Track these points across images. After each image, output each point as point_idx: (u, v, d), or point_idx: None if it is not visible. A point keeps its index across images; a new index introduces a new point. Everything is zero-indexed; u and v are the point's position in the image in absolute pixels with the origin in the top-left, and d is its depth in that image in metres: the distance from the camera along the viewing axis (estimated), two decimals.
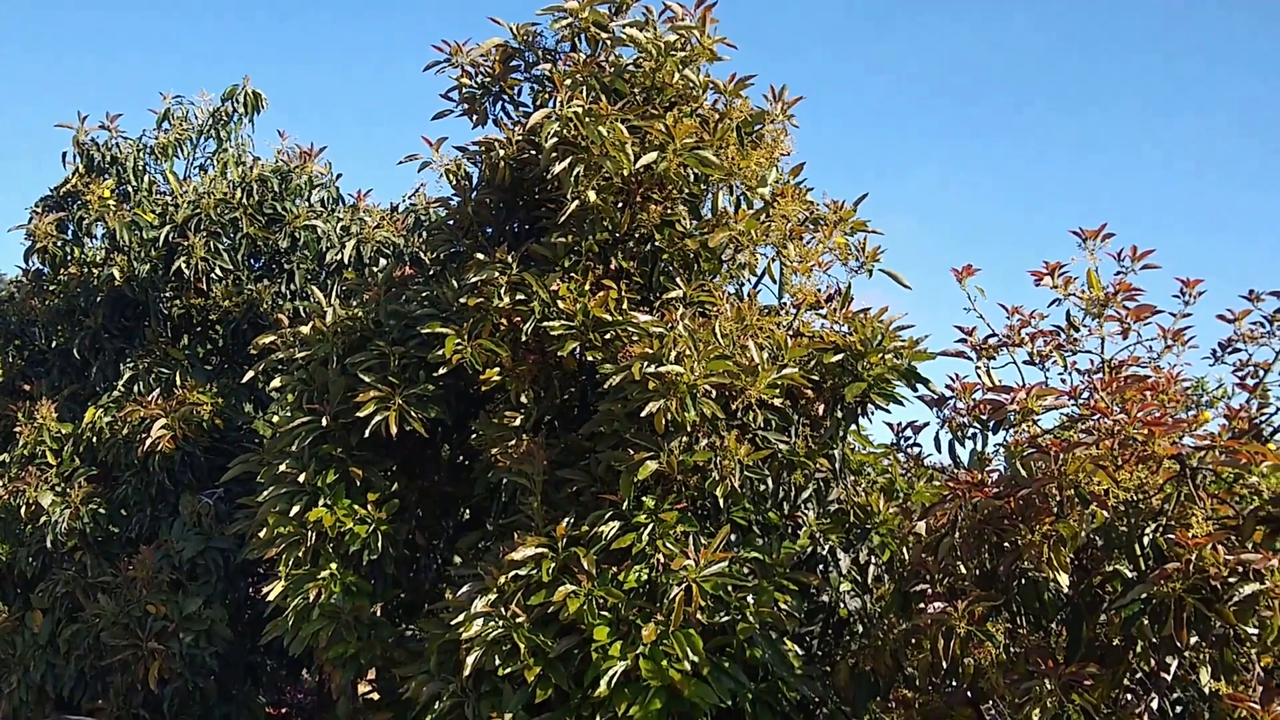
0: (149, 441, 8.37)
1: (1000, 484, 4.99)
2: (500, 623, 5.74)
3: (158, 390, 8.89)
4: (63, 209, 9.83)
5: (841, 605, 6.71)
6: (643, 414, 5.62)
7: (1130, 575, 5.09)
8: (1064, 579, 4.70)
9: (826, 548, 6.64)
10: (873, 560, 6.78)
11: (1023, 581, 5.29)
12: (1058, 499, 4.68)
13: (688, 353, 5.68)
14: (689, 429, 5.80)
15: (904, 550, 5.92)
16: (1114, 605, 4.90)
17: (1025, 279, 5.62)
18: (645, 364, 5.65)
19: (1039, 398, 5.13)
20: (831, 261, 6.61)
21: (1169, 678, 4.96)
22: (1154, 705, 5.10)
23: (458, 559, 8.30)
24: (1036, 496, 4.79)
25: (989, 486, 4.94)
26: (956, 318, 5.94)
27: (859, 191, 7.56)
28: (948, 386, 6.25)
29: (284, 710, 11.07)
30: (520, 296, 6.47)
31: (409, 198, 10.41)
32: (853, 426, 6.50)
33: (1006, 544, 4.86)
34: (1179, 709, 5.27)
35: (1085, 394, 4.92)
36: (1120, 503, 4.71)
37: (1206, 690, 4.86)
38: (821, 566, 6.63)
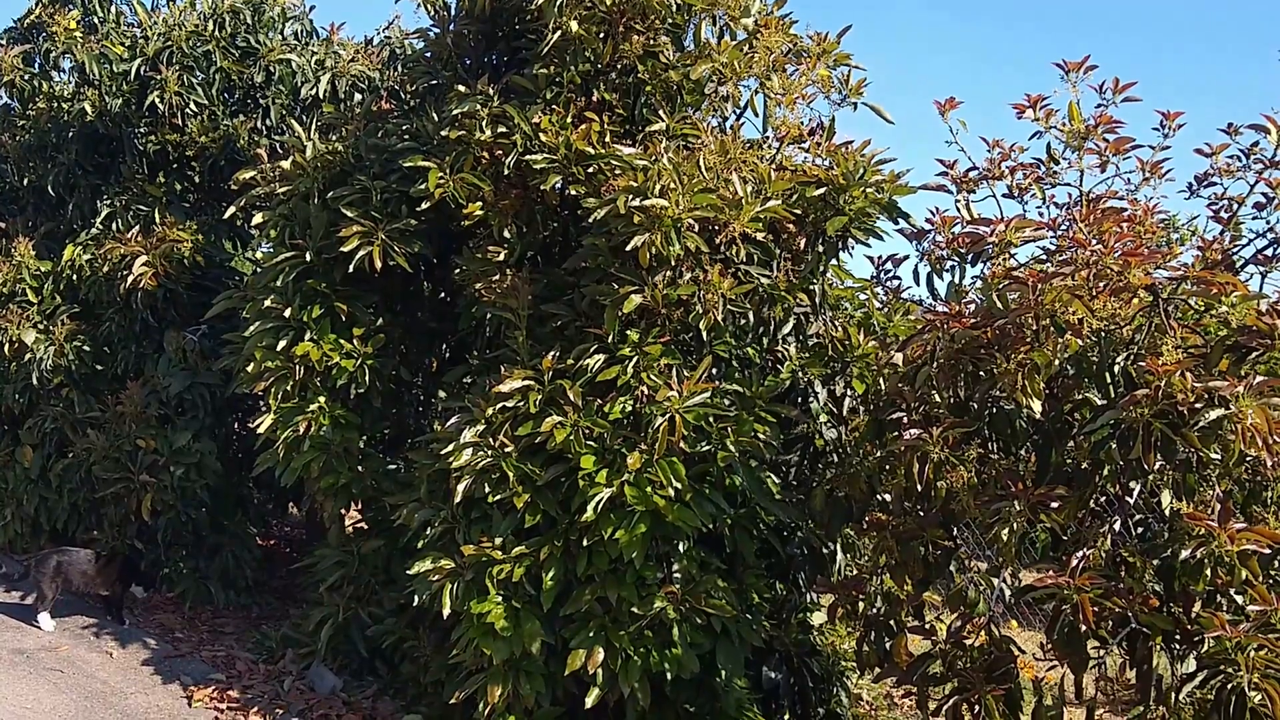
0: (130, 279, 8.37)
1: (977, 315, 5.09)
2: (489, 452, 5.89)
3: (137, 227, 8.84)
4: (28, 41, 9.59)
5: (818, 436, 6.88)
6: (627, 248, 5.66)
7: (1100, 402, 5.26)
8: (1037, 406, 4.84)
9: (805, 381, 6.78)
10: (849, 393, 6.93)
11: (995, 409, 5.46)
12: (1034, 329, 4.79)
13: (672, 186, 5.69)
14: (673, 263, 5.85)
15: (880, 382, 6.06)
16: (1083, 431, 5.07)
17: (1008, 117, 5.61)
18: (630, 197, 5.66)
19: (1017, 230, 5.19)
20: (815, 95, 6.55)
21: (1131, 501, 5.18)
22: (1116, 526, 5.34)
23: (442, 393, 8.46)
24: (1012, 326, 4.89)
25: (966, 318, 5.04)
26: (936, 154, 5.96)
27: (841, 24, 7.40)
28: (927, 220, 6.31)
29: (272, 542, 11.34)
30: (502, 129, 6.42)
31: (383, 31, 10.19)
32: (833, 261, 6.56)
33: (982, 373, 4.99)
34: (1140, 530, 5.52)
35: (1064, 226, 4.98)
36: (1093, 332, 4.83)
37: (1167, 512, 5.09)
38: (800, 399, 6.78)
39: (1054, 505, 4.96)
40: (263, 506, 9.97)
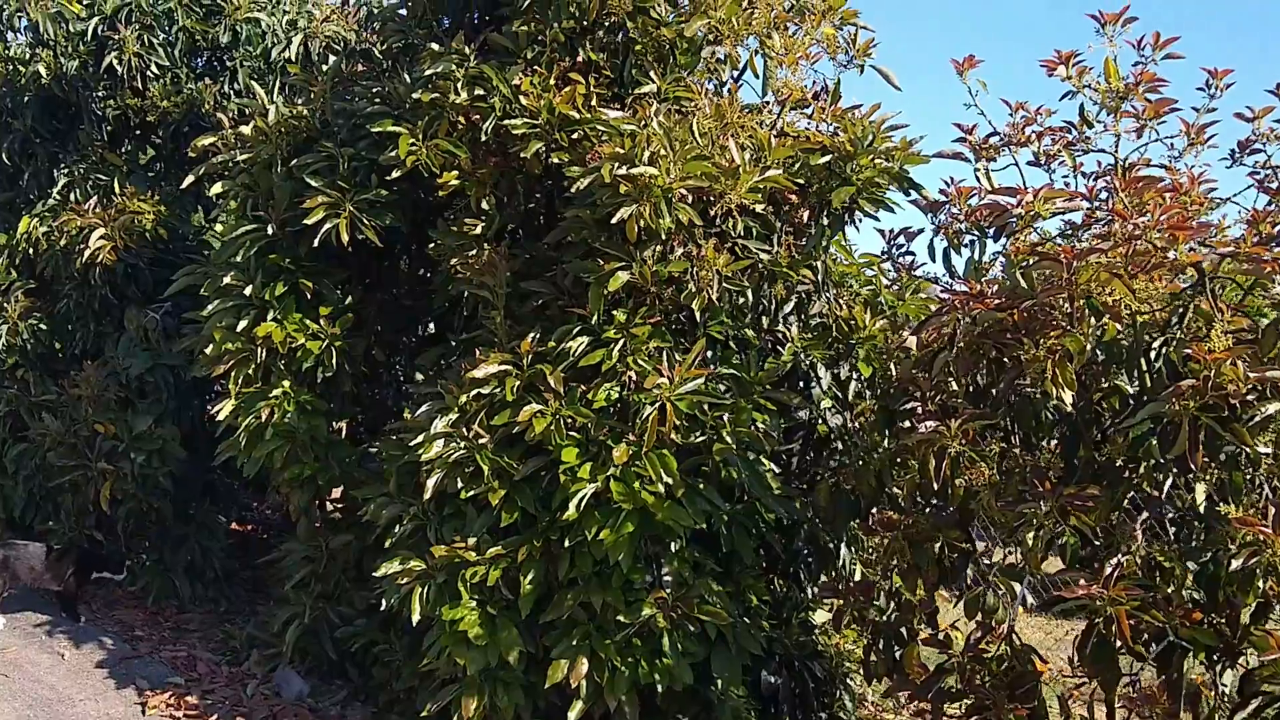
0: (88, 253, 7.81)
1: (1001, 295, 4.58)
2: (462, 444, 5.39)
3: (95, 198, 8.27)
4: None
5: (821, 422, 6.39)
6: (613, 221, 5.14)
7: (1130, 391, 4.77)
8: (1068, 397, 4.33)
9: (807, 364, 6.29)
10: (854, 376, 6.43)
11: (1015, 398, 4.97)
12: (1066, 311, 4.29)
13: (663, 153, 5.17)
14: (663, 237, 5.33)
15: (892, 366, 5.55)
16: (1119, 424, 4.59)
17: (1023, 86, 5.10)
18: (616, 165, 5.14)
19: (1047, 200, 4.68)
20: (819, 55, 6.03)
21: (1160, 496, 4.72)
22: (1144, 526, 4.87)
23: (419, 375, 7.96)
24: (1041, 308, 4.39)
25: (989, 298, 4.53)
26: (946, 121, 5.44)
27: None
28: (941, 191, 5.81)
29: (249, 527, 10.87)
30: (479, 92, 5.88)
31: None
32: (837, 236, 6.05)
33: (1007, 359, 4.48)
34: (1173, 530, 5.05)
35: (1103, 195, 4.46)
36: (1130, 314, 4.33)
37: (1201, 509, 4.62)
38: (802, 383, 6.29)
39: (1088, 505, 4.48)
40: (236, 491, 9.48)
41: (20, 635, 7.13)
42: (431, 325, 7.84)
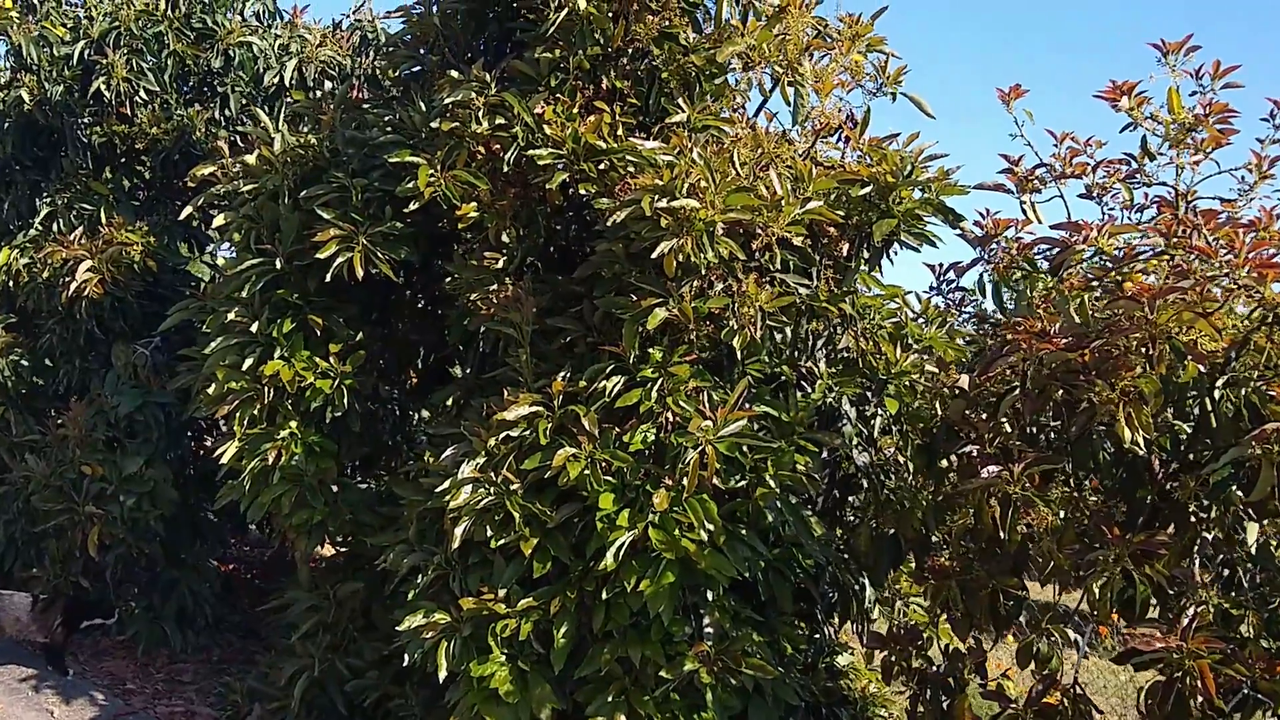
0: (74, 286, 7.48)
1: (1067, 334, 4.39)
2: (491, 489, 5.11)
3: (80, 228, 7.94)
4: None
5: (847, 460, 6.18)
6: (653, 255, 4.90)
7: (1187, 430, 4.61)
8: (1141, 440, 4.15)
9: (836, 399, 6.09)
10: (879, 412, 6.23)
11: (1075, 441, 4.79)
12: (1144, 351, 4.10)
13: (703, 184, 4.95)
14: (702, 271, 5.11)
15: (936, 405, 5.33)
16: (1197, 468, 4.41)
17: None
18: (656, 197, 4.91)
19: (1113, 235, 4.50)
20: (851, 84, 5.85)
21: (1236, 540, 4.55)
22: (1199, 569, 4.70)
23: (425, 412, 7.68)
24: (1113, 348, 4.21)
25: (1056, 338, 4.34)
26: (971, 155, 5.27)
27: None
28: (976, 224, 5.64)
29: (231, 566, 10.50)
30: (500, 120, 5.63)
31: (353, 14, 9.36)
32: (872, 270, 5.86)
33: (1079, 401, 4.28)
34: (1225, 571, 4.88)
35: (1182, 230, 4.28)
36: (1209, 355, 4.16)
37: (1253, 550, 4.46)
38: (829, 421, 6.09)
39: (1162, 553, 4.30)
40: (219, 528, 9.12)
41: (5, 691, 6.75)
42: (433, 360, 7.57)
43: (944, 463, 5.50)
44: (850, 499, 6.44)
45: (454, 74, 5.76)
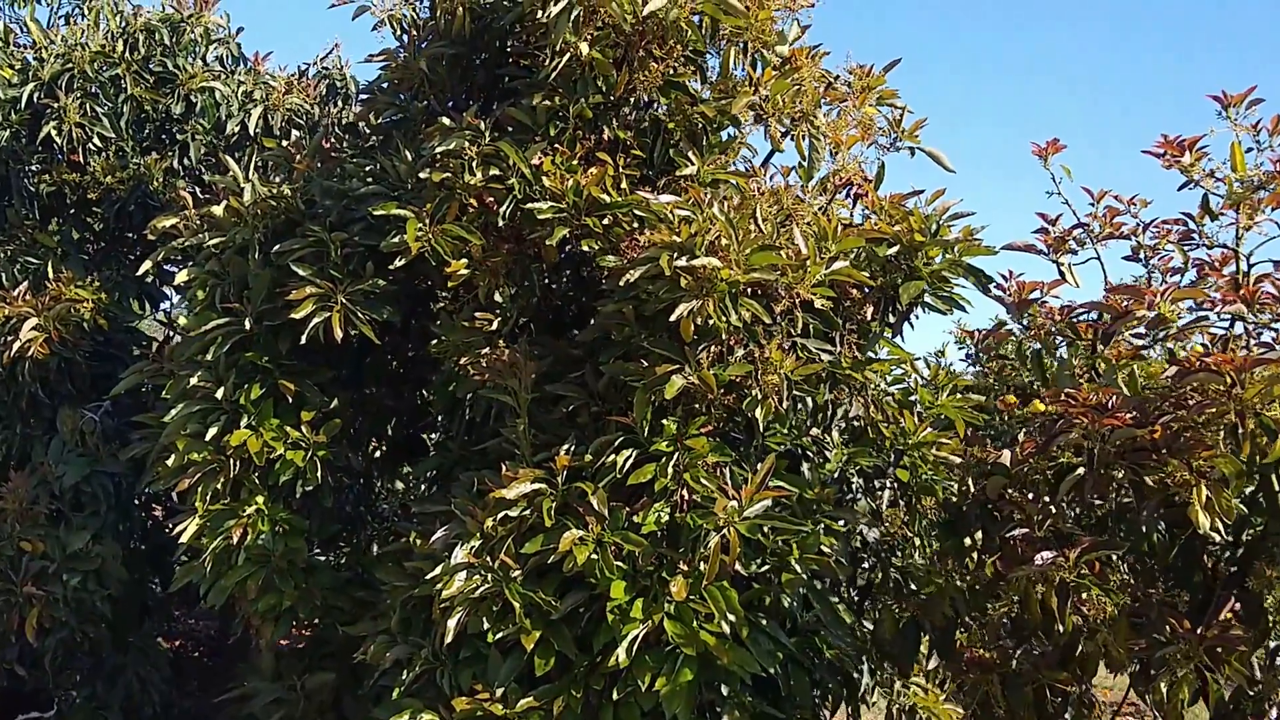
0: (17, 345, 6.86)
1: (1129, 407, 4.02)
2: (489, 576, 4.63)
3: (25, 283, 7.35)
4: None
5: (857, 536, 5.76)
6: (671, 318, 4.47)
7: (1244, 511, 4.26)
8: (1221, 525, 3.77)
9: (845, 471, 5.71)
10: (887, 485, 5.85)
11: (1125, 522, 4.42)
12: (1227, 428, 3.74)
13: (725, 242, 4.55)
14: (721, 336, 4.69)
15: (969, 482, 4.93)
16: (1262, 554, 4.04)
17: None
18: (674, 255, 4.50)
19: (1176, 300, 4.16)
20: (870, 137, 5.51)
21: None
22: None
23: (399, 484, 7.16)
24: (1189, 424, 3.84)
25: (1121, 413, 3.96)
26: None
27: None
28: (998, 286, 5.30)
29: (178, 643, 9.85)
30: (495, 171, 5.21)
31: (320, 62, 8.94)
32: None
33: (1150, 481, 3.89)
34: None
35: (1265, 296, 3.94)
36: None
37: None
38: (848, 495, 5.69)
39: (1240, 649, 3.91)
40: (164, 604, 8.47)
41: None
42: (402, 425, 7.08)
43: (967, 541, 5.13)
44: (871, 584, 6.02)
45: (446, 121, 5.34)
